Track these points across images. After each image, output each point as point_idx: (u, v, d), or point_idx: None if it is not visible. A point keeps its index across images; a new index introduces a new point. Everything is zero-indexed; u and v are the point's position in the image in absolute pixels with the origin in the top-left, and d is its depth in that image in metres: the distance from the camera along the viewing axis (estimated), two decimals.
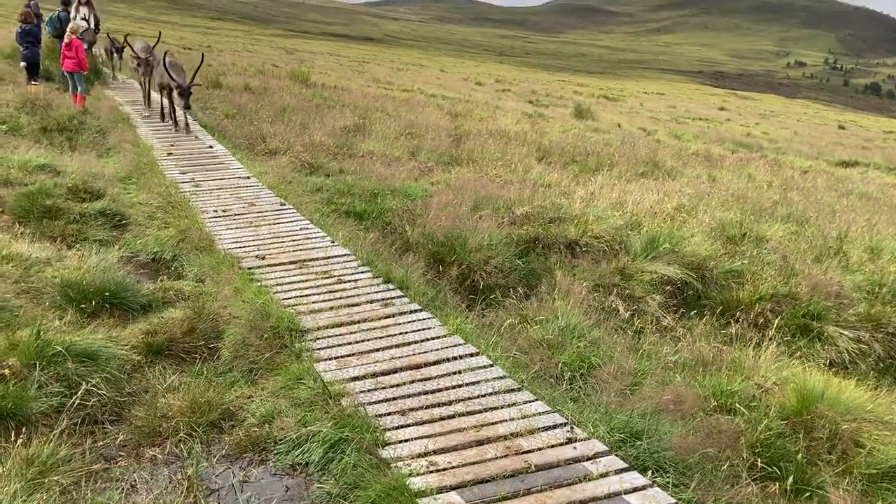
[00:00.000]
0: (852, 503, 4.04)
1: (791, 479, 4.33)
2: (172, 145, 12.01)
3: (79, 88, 14.66)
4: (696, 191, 11.44)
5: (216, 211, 8.74)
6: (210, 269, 6.90)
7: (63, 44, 14.69)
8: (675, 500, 3.89)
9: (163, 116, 13.95)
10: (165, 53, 12.96)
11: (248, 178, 10.43)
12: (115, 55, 20.11)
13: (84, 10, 17.83)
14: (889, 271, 8.10)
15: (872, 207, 13.74)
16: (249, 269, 6.91)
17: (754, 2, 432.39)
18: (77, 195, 8.94)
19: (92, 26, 17.95)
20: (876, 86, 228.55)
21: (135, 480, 4.02)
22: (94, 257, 6.58)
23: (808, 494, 4.34)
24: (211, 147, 12.15)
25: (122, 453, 4.28)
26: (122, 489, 3.93)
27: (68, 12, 17.23)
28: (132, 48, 13.47)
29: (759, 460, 4.46)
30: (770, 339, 6.28)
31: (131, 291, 6.18)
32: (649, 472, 4.15)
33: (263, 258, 7.27)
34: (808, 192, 14.24)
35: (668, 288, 7.44)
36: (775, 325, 6.66)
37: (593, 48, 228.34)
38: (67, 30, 14.78)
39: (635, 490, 3.91)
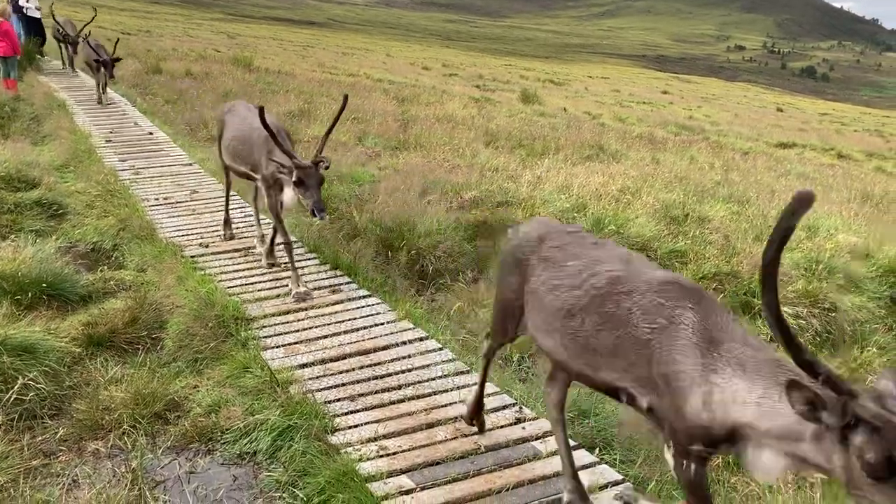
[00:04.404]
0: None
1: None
2: (112, 132, 11.68)
3: (11, 74, 14.15)
4: (641, 173, 11.58)
5: (157, 199, 8.55)
6: (152, 258, 6.75)
7: None
8: (622, 477, 3.96)
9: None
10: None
11: (190, 164, 10.21)
12: (101, 70, 13.20)
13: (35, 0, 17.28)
14: (825, 248, 8.34)
15: (809, 187, 14.12)
16: (193, 257, 6.79)
17: None
18: (11, 184, 8.64)
19: (40, 16, 17.37)
20: (811, 69, 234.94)
21: (76, 475, 3.92)
22: (29, 248, 6.35)
23: None
24: (151, 133, 11.83)
25: (63, 448, 4.17)
26: (63, 484, 3.82)
27: None
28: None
29: None
30: None
31: (70, 282, 6.02)
32: (597, 449, 4.22)
33: (207, 246, 7.14)
34: (748, 172, 14.56)
35: None
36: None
37: (539, 32, 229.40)
38: None
39: (583, 468, 3.97)
